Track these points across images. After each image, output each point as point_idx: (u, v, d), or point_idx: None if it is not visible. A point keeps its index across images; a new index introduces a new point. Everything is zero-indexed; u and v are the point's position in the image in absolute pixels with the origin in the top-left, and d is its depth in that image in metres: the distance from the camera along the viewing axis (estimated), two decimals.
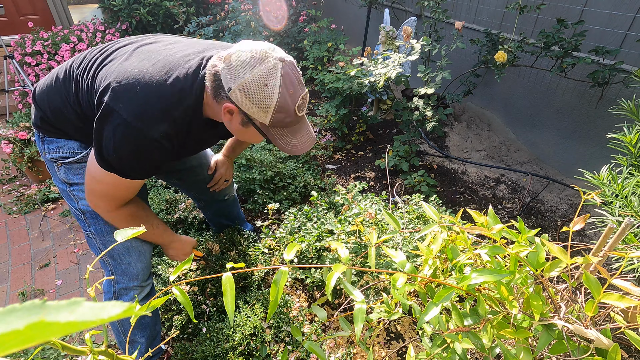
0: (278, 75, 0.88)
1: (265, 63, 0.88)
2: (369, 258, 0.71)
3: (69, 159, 1.11)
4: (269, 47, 0.92)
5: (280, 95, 0.89)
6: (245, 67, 0.87)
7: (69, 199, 1.17)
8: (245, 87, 0.87)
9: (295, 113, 0.94)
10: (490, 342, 0.60)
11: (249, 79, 0.87)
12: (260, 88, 0.87)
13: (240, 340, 1.40)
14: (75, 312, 0.14)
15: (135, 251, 1.21)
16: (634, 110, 1.21)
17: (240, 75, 0.87)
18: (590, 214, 0.75)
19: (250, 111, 0.91)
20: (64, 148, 1.11)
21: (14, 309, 0.14)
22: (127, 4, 4.30)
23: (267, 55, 0.89)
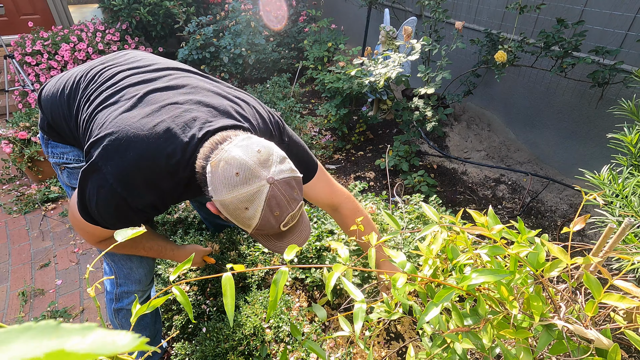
0: (262, 200, 0.80)
1: (249, 185, 0.79)
2: (369, 259, 0.71)
3: (73, 165, 1.11)
4: (264, 158, 0.82)
5: (262, 218, 0.82)
6: (227, 185, 0.79)
7: None
8: (224, 205, 0.82)
9: (279, 229, 0.87)
10: (490, 342, 0.60)
11: (228, 199, 0.80)
12: (239, 209, 0.81)
13: (240, 340, 1.40)
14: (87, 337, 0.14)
15: (137, 257, 1.20)
16: (634, 110, 1.21)
17: (220, 192, 0.80)
18: (590, 214, 0.75)
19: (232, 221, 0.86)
20: (68, 155, 1.11)
21: (29, 327, 0.14)
22: (127, 4, 4.30)
23: (255, 175, 0.79)
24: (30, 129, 2.61)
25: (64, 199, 2.61)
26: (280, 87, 3.57)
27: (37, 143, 2.57)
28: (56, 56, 3.96)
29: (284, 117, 2.91)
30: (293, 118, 2.93)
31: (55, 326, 0.14)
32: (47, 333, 0.14)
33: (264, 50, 3.98)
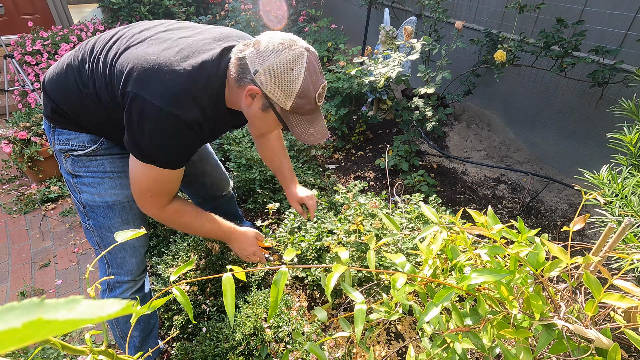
0: (304, 62, 0.91)
1: (293, 50, 0.91)
2: (368, 261, 0.71)
3: (78, 152, 1.11)
4: (296, 37, 0.96)
5: (304, 81, 0.92)
6: (274, 51, 0.90)
7: (72, 190, 1.18)
8: (272, 70, 0.90)
9: (315, 101, 0.97)
10: (490, 342, 0.60)
11: (276, 62, 0.90)
12: (286, 72, 0.90)
13: (240, 340, 1.40)
14: (74, 310, 0.14)
15: (130, 247, 1.23)
16: (634, 110, 1.21)
17: (269, 58, 0.90)
18: (590, 214, 0.75)
19: (273, 94, 0.93)
20: (73, 141, 1.10)
21: (12, 307, 0.14)
22: (127, 3, 4.30)
23: (295, 43, 0.93)
24: (30, 129, 2.61)
25: (64, 199, 2.61)
26: None
27: (37, 143, 2.57)
28: (56, 56, 3.96)
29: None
30: None
31: (39, 303, 0.14)
32: (32, 310, 0.14)
33: None
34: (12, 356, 1.44)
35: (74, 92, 1.04)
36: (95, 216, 1.17)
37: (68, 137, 1.10)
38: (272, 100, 0.95)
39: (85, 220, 1.20)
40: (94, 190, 1.14)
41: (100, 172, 1.14)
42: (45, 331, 0.13)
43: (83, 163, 1.13)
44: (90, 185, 1.14)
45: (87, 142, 1.11)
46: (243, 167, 2.31)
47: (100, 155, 1.13)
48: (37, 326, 0.13)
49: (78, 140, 1.10)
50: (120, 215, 1.19)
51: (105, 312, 0.15)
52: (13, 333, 0.13)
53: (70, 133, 1.10)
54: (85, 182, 1.14)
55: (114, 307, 0.15)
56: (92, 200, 1.15)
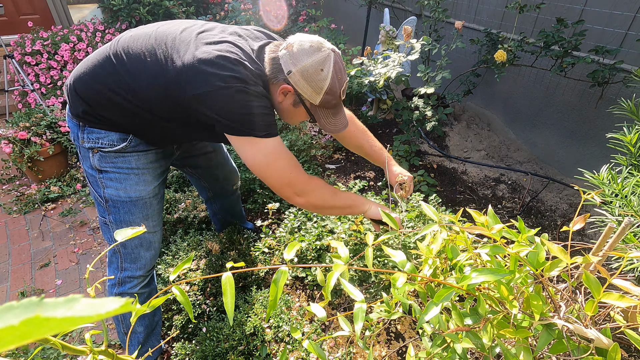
0: (331, 63, 1.03)
1: (322, 52, 1.02)
2: (366, 259, 0.71)
3: (107, 149, 1.14)
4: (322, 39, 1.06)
5: (331, 80, 1.04)
6: (306, 53, 1.02)
7: (95, 185, 1.19)
8: (304, 71, 1.02)
9: (339, 96, 1.09)
10: (490, 341, 0.60)
11: (308, 63, 1.01)
12: (317, 72, 1.02)
13: (240, 340, 1.40)
14: (73, 308, 0.14)
15: (147, 242, 1.26)
16: (634, 110, 1.21)
17: (301, 60, 1.01)
18: (590, 214, 0.75)
19: (305, 92, 1.05)
20: (103, 139, 1.12)
21: (11, 306, 0.14)
22: (127, 4, 4.30)
23: (322, 45, 1.04)
24: (30, 129, 2.61)
25: (64, 199, 2.61)
26: None
27: (36, 143, 2.57)
28: (56, 56, 3.96)
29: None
30: None
31: (38, 302, 0.14)
32: (30, 309, 0.14)
33: None
34: (12, 356, 1.44)
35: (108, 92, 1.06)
36: (118, 211, 1.20)
37: (97, 135, 1.12)
38: (303, 97, 1.07)
39: (106, 215, 1.21)
40: (120, 185, 1.17)
41: (126, 168, 1.17)
42: (43, 329, 0.13)
43: (110, 159, 1.15)
44: (116, 180, 1.17)
45: (116, 141, 1.13)
46: (243, 167, 2.31)
47: (128, 152, 1.16)
48: (36, 324, 0.13)
49: (108, 139, 1.13)
50: (142, 210, 1.22)
51: (104, 310, 0.15)
52: (11, 331, 0.13)
53: (100, 132, 1.12)
54: (112, 178, 1.17)
55: (113, 305, 0.15)
56: (116, 195, 1.18)
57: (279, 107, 1.13)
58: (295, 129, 2.91)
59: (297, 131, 2.88)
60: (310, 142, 2.74)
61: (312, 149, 2.74)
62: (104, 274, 2.00)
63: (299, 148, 2.61)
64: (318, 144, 2.91)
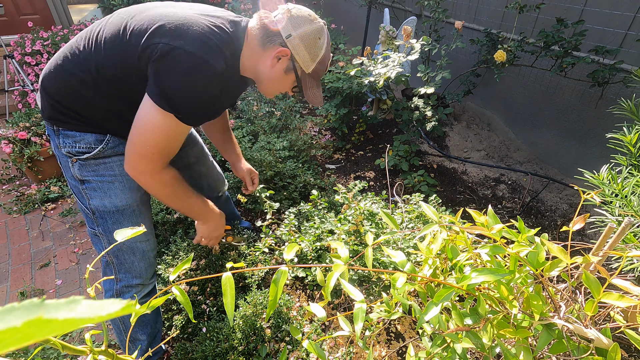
0: (325, 34, 1.08)
1: (318, 22, 1.07)
2: (365, 258, 0.71)
3: (85, 155, 1.09)
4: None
5: (325, 50, 1.09)
6: (305, 21, 1.05)
7: (79, 197, 1.15)
8: (304, 36, 1.04)
9: (326, 67, 1.13)
10: (490, 341, 0.60)
11: (308, 30, 1.04)
12: (315, 40, 1.05)
13: (240, 340, 1.40)
14: (74, 310, 0.14)
15: (139, 250, 1.22)
16: (634, 110, 1.21)
17: (302, 26, 1.04)
18: (590, 214, 0.75)
19: (301, 57, 1.06)
20: (80, 143, 1.08)
21: (12, 308, 0.14)
22: (127, 4, 4.30)
23: (317, 17, 1.08)
24: (30, 129, 2.61)
25: (64, 199, 2.61)
26: None
27: (37, 143, 2.57)
28: None
29: (284, 117, 2.90)
30: (293, 118, 2.93)
31: (40, 303, 0.14)
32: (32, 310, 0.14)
33: None
34: (12, 356, 1.44)
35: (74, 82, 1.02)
36: (105, 222, 1.15)
37: (74, 139, 1.08)
38: (297, 63, 1.08)
39: (95, 226, 1.17)
40: (104, 195, 1.12)
41: (109, 175, 1.12)
42: (45, 330, 0.13)
43: (91, 167, 1.11)
44: (99, 190, 1.12)
45: (93, 143, 1.09)
46: None
47: (107, 156, 1.11)
48: (38, 325, 0.13)
49: (84, 142, 1.08)
50: (130, 219, 1.17)
51: (105, 312, 0.15)
52: (13, 332, 0.13)
53: (75, 134, 1.08)
54: (95, 188, 1.12)
55: (114, 307, 0.15)
56: (102, 205, 1.13)
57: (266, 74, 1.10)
58: (295, 128, 2.91)
59: (297, 131, 2.88)
60: (310, 142, 2.74)
61: (312, 149, 2.74)
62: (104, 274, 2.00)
63: (299, 148, 2.61)
64: (318, 144, 2.91)
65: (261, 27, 1.05)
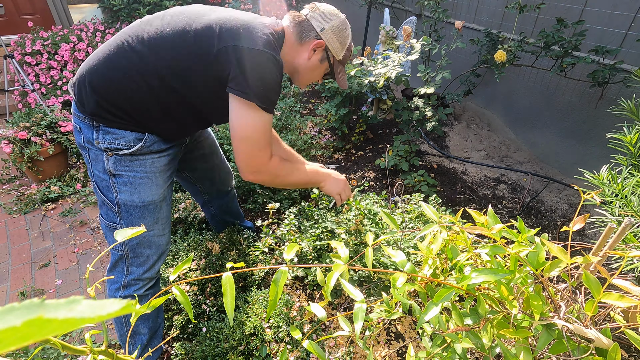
0: (348, 25, 1.24)
1: (341, 15, 1.23)
2: (366, 258, 0.71)
3: (123, 151, 1.12)
4: None
5: (350, 38, 1.25)
6: (333, 15, 1.20)
7: (107, 190, 1.17)
8: (335, 28, 1.19)
9: (351, 53, 1.29)
10: (490, 341, 0.60)
11: (337, 22, 1.20)
12: (343, 29, 1.21)
13: (240, 340, 1.40)
14: (74, 310, 0.14)
15: (155, 244, 1.25)
16: (634, 110, 1.21)
17: (331, 19, 1.19)
18: (590, 214, 0.75)
19: (333, 47, 1.21)
20: (120, 140, 1.11)
21: (12, 307, 0.14)
22: (127, 4, 4.30)
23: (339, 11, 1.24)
24: (30, 129, 2.61)
25: (64, 199, 2.61)
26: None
27: (37, 143, 2.57)
28: (56, 56, 3.96)
29: (284, 117, 2.91)
30: (293, 118, 2.94)
31: (40, 303, 0.14)
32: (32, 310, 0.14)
33: None
34: (12, 356, 1.44)
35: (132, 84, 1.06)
36: (130, 216, 1.19)
37: (114, 136, 1.10)
38: (330, 52, 1.22)
39: (117, 220, 1.19)
40: (134, 190, 1.16)
41: (141, 171, 1.16)
42: (45, 330, 0.13)
43: (126, 163, 1.14)
44: (130, 185, 1.15)
45: (132, 141, 1.12)
46: None
47: (142, 154, 1.15)
48: (38, 325, 0.13)
49: (124, 140, 1.11)
50: (153, 214, 1.22)
51: (105, 311, 0.15)
52: (13, 332, 0.13)
53: (116, 132, 1.10)
54: (125, 182, 1.15)
55: (114, 307, 0.15)
56: (130, 200, 1.16)
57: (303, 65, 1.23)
58: (295, 128, 2.91)
59: (297, 131, 2.88)
60: (310, 142, 2.74)
61: (312, 148, 2.74)
62: (104, 274, 2.00)
63: (299, 148, 2.61)
64: (318, 144, 2.91)
65: (296, 24, 1.18)
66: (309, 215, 1.79)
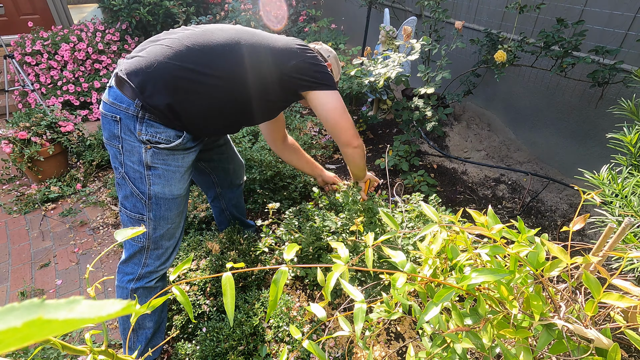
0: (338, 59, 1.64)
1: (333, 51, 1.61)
2: (366, 259, 0.71)
3: (162, 145, 1.16)
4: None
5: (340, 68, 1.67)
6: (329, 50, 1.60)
7: (139, 182, 1.19)
8: (335, 57, 1.60)
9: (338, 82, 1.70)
10: (490, 341, 0.60)
11: (335, 54, 1.61)
12: (337, 60, 1.63)
13: (240, 340, 1.40)
14: (74, 310, 0.14)
15: (174, 238, 1.32)
16: (634, 110, 1.21)
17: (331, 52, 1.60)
18: (590, 214, 0.75)
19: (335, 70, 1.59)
20: (161, 135, 1.16)
21: (12, 307, 0.14)
22: (127, 4, 4.30)
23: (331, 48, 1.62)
24: (30, 129, 2.61)
25: (64, 199, 2.61)
26: None
27: (37, 143, 2.57)
28: (56, 56, 3.96)
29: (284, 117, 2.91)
30: (293, 118, 2.93)
31: (40, 303, 0.14)
32: (32, 310, 0.14)
33: None
34: (12, 356, 1.44)
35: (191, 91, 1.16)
36: (159, 208, 1.23)
37: (157, 130, 1.14)
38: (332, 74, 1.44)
39: (144, 212, 1.22)
40: (166, 182, 1.21)
41: (175, 165, 1.22)
42: (45, 331, 0.13)
43: (162, 156, 1.19)
44: (163, 178, 1.20)
45: (172, 137, 1.18)
46: (245, 165, 2.31)
47: (178, 150, 1.21)
48: (38, 325, 0.13)
49: (165, 135, 1.16)
50: (178, 207, 1.28)
51: (105, 312, 0.15)
52: (14, 332, 0.13)
53: (160, 127, 1.15)
54: (160, 175, 1.20)
55: (114, 307, 0.15)
56: (161, 192, 1.21)
57: None
58: (295, 129, 2.91)
59: (298, 131, 2.88)
60: (310, 142, 2.74)
61: (312, 148, 2.73)
62: (104, 274, 2.00)
63: None
64: (318, 144, 2.91)
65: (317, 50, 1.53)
66: (309, 215, 1.79)
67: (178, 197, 1.27)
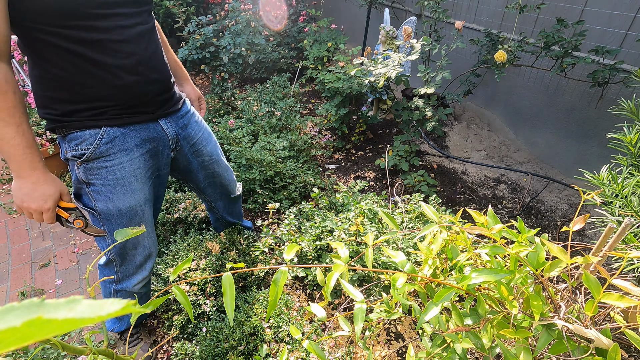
0: None
1: None
2: (366, 258, 0.71)
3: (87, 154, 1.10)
4: None
5: None
6: None
7: (87, 199, 1.17)
8: None
9: None
10: (490, 341, 0.60)
11: None
12: None
13: (240, 340, 1.40)
14: (74, 310, 0.14)
15: (142, 246, 1.29)
16: (634, 110, 1.21)
17: None
18: (590, 214, 0.75)
19: None
20: (81, 144, 1.10)
21: (12, 307, 0.14)
22: None
23: None
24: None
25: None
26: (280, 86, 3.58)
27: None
28: None
29: (284, 117, 2.91)
30: (293, 118, 2.94)
31: (39, 303, 0.14)
32: (32, 310, 0.14)
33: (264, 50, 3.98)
34: (12, 356, 1.44)
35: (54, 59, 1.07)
36: (110, 223, 1.19)
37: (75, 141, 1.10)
38: None
39: (100, 226, 1.21)
40: (107, 198, 1.15)
41: (111, 179, 1.13)
42: (45, 330, 0.13)
43: (95, 171, 1.12)
44: (103, 193, 1.14)
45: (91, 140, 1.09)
46: (243, 167, 2.31)
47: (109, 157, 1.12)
48: (37, 325, 0.13)
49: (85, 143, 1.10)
50: (133, 220, 1.21)
51: (105, 311, 0.15)
52: (13, 332, 0.13)
53: (75, 135, 1.10)
54: (99, 191, 1.14)
55: (114, 307, 0.15)
56: (105, 208, 1.16)
57: None
58: (295, 128, 2.91)
59: (297, 131, 2.88)
60: (310, 142, 2.74)
61: (312, 149, 2.74)
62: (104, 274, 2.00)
63: (299, 148, 2.61)
64: (318, 144, 2.91)
65: None
66: (309, 215, 1.79)
67: (129, 211, 1.18)
